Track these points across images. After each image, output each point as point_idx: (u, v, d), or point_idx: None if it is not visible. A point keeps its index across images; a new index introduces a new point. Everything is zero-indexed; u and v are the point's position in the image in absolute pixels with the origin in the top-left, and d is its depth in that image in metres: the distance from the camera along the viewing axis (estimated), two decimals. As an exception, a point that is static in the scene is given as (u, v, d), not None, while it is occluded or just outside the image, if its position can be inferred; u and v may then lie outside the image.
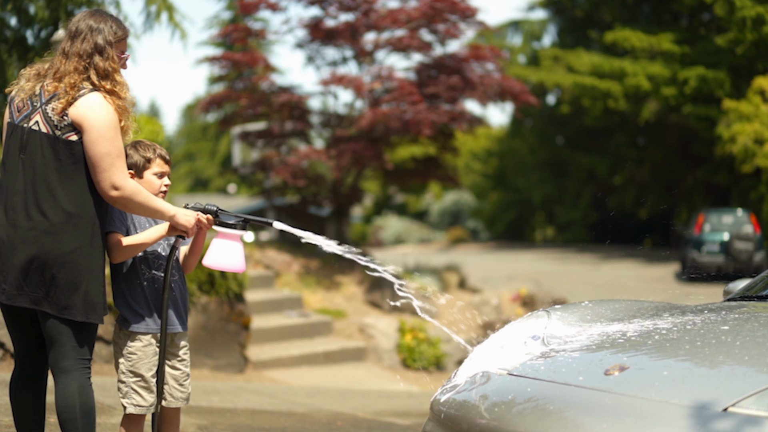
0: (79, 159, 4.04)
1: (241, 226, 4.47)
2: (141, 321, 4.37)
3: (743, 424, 3.13)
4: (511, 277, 22.58)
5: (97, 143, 4.00)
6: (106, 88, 4.10)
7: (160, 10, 12.26)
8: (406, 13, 16.51)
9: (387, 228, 45.33)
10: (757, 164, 25.29)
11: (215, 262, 4.50)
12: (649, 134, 38.07)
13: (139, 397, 4.38)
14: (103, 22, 4.17)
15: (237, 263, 4.50)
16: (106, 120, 4.03)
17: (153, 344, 4.39)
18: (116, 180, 4.04)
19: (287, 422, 7.51)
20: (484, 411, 3.77)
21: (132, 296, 4.38)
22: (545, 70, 34.65)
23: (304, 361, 11.83)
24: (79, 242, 4.02)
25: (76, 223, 4.03)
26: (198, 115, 31.09)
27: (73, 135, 4.03)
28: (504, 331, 4.50)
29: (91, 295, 4.05)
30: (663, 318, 4.30)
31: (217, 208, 4.47)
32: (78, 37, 4.13)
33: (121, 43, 4.22)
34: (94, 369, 7.74)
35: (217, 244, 4.49)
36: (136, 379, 4.37)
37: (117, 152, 4.05)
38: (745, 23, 26.89)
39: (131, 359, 4.37)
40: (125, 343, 4.38)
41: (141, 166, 4.47)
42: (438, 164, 18.65)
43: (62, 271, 3.99)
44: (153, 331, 4.39)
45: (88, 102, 4.03)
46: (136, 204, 4.13)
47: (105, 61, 4.12)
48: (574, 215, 42.51)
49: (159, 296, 4.41)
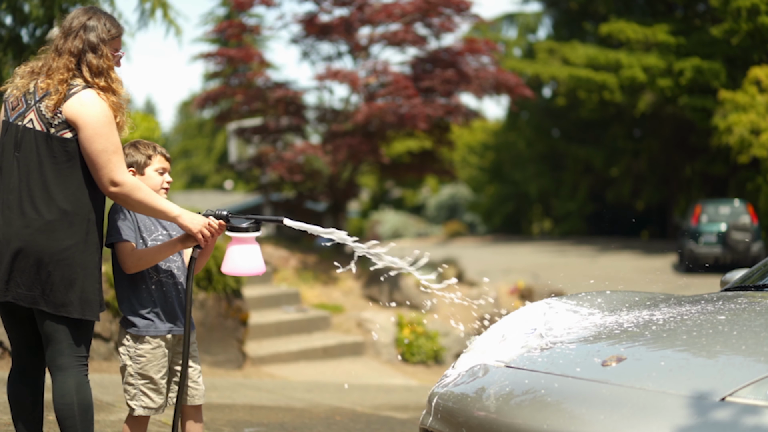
0: (73, 156, 4.02)
1: (254, 228, 4.39)
2: (149, 324, 4.32)
3: (741, 414, 3.13)
4: (508, 270, 22.57)
5: (92, 140, 3.99)
6: (100, 85, 4.08)
7: (155, 7, 12.23)
8: (400, 7, 16.50)
9: (384, 222, 45.29)
10: (754, 154, 25.28)
11: (235, 268, 4.43)
12: (646, 126, 38.06)
13: (148, 399, 4.35)
14: (97, 20, 4.15)
15: (257, 266, 4.43)
16: (101, 117, 4.02)
17: (162, 346, 4.35)
18: (115, 176, 4.02)
19: (286, 417, 7.51)
20: (481, 403, 3.78)
21: (138, 300, 4.33)
22: (541, 63, 34.64)
23: (302, 356, 11.84)
24: (74, 239, 4.01)
25: (71, 221, 4.01)
26: (194, 111, 31.10)
27: (67, 132, 4.01)
28: (501, 323, 4.50)
29: (86, 292, 4.04)
30: (660, 309, 4.30)
31: (228, 212, 4.38)
32: (71, 34, 4.12)
33: (115, 41, 4.20)
34: (92, 366, 7.72)
35: (235, 250, 4.41)
36: (144, 382, 4.34)
37: (113, 148, 4.03)
38: (740, 13, 26.87)
39: (140, 362, 4.32)
40: (132, 346, 4.34)
41: (142, 163, 4.44)
42: (434, 158, 18.65)
43: (57, 268, 3.98)
44: (161, 334, 4.34)
45: (81, 99, 4.02)
46: (136, 200, 4.09)
47: (99, 58, 4.11)
48: (570, 207, 42.53)
49: (166, 300, 4.37)
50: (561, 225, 44.06)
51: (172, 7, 12.26)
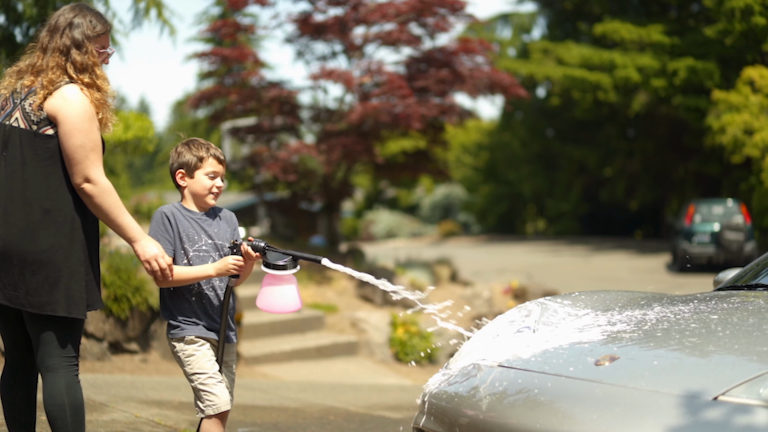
0: (54, 153, 3.99)
1: (292, 266, 4.29)
2: (193, 326, 4.27)
3: (733, 413, 3.14)
4: (502, 270, 22.61)
5: (70, 135, 3.95)
6: (84, 81, 4.06)
7: (149, 6, 12.20)
8: (395, 6, 16.49)
9: (378, 222, 45.32)
10: (747, 154, 25.33)
11: (270, 306, 4.35)
12: (639, 126, 38.14)
13: (214, 396, 4.23)
14: (82, 17, 4.13)
15: (292, 304, 4.35)
16: (80, 111, 3.98)
17: (206, 345, 4.29)
18: (90, 173, 3.97)
19: (280, 417, 7.51)
20: (474, 403, 3.78)
21: (178, 310, 4.28)
22: (535, 63, 34.68)
23: (296, 356, 11.84)
24: (57, 239, 3.97)
25: (54, 219, 3.97)
26: (188, 111, 31.10)
27: (49, 129, 3.99)
28: (495, 322, 4.50)
29: (72, 291, 3.99)
30: (653, 308, 4.31)
31: (265, 244, 4.28)
32: (56, 32, 4.11)
33: (102, 38, 4.17)
34: (84, 366, 7.69)
35: (269, 287, 4.32)
36: (204, 376, 4.25)
37: (91, 145, 3.99)
38: (734, 14, 26.93)
39: (191, 361, 4.26)
40: (181, 350, 4.28)
41: (193, 165, 4.32)
42: (428, 158, 18.65)
43: (41, 269, 3.95)
44: (204, 335, 4.28)
45: (62, 94, 3.99)
46: (101, 204, 4.00)
47: (83, 55, 4.08)
48: (564, 207, 42.59)
49: (206, 310, 4.30)
50: (555, 225, 44.12)
51: (166, 7, 12.24)
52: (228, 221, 4.47)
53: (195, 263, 4.28)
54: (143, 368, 9.23)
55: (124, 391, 7.54)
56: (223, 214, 4.47)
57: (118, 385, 7.87)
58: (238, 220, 4.59)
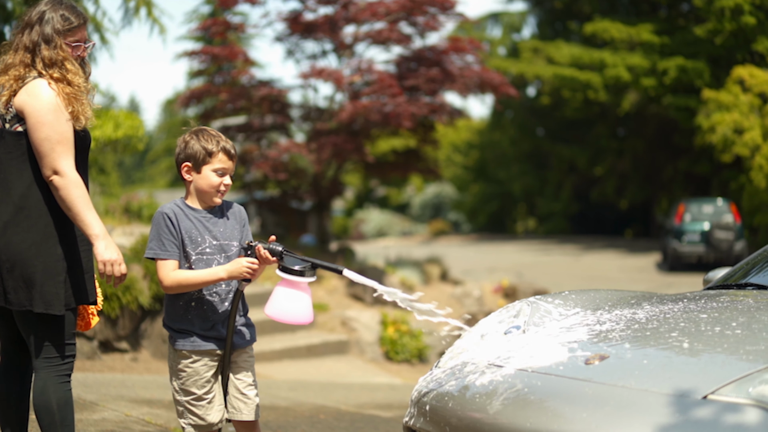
0: (25, 150, 3.98)
1: (310, 273, 3.96)
2: (185, 339, 4.03)
3: (723, 412, 3.14)
4: (492, 269, 22.63)
5: (35, 128, 3.93)
6: (53, 76, 4.03)
7: (139, 5, 12.20)
8: (385, 5, 16.48)
9: (369, 221, 45.34)
10: (737, 153, 25.41)
11: (280, 314, 4.01)
12: (630, 125, 38.22)
13: (195, 417, 4.06)
14: (54, 11, 4.10)
15: (304, 315, 4.00)
16: (44, 104, 3.95)
17: (202, 361, 4.05)
18: (57, 165, 3.92)
19: (270, 416, 7.50)
20: (464, 401, 3.78)
21: (173, 316, 4.07)
22: (525, 62, 34.72)
23: (286, 354, 11.82)
24: (31, 236, 3.95)
25: (27, 215, 3.96)
26: (178, 110, 30.97)
27: (19, 126, 3.99)
28: (485, 321, 4.50)
29: (47, 287, 3.95)
30: (643, 307, 4.31)
31: (283, 248, 3.98)
32: (28, 27, 4.10)
33: (75, 32, 4.14)
34: (75, 365, 7.70)
35: (283, 293, 3.99)
36: (188, 398, 4.06)
37: (58, 137, 3.95)
38: (724, 13, 27.02)
39: (181, 377, 4.05)
40: (175, 361, 4.07)
41: (200, 160, 4.04)
42: (419, 157, 18.65)
43: (16, 267, 3.94)
44: (200, 348, 4.03)
45: (28, 90, 3.99)
46: (67, 197, 3.91)
47: (52, 50, 4.06)
48: (555, 207, 42.66)
49: (206, 317, 4.05)
50: (545, 224, 44.19)
51: (156, 6, 12.24)
52: (237, 218, 4.20)
53: (197, 268, 4.04)
54: (134, 367, 9.22)
55: (115, 390, 7.53)
56: (231, 210, 4.21)
57: (108, 384, 7.86)
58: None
